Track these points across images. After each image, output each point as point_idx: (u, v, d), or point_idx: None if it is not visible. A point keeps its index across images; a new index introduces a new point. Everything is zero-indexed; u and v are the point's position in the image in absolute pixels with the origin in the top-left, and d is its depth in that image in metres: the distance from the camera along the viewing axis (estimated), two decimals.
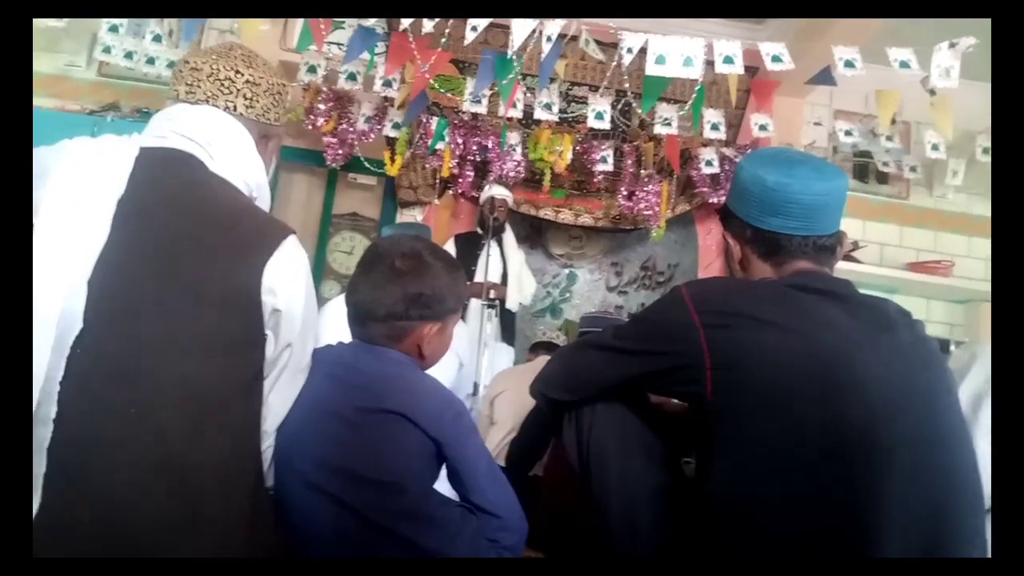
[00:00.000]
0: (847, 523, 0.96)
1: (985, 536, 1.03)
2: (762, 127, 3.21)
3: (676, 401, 1.38)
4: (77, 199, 0.98)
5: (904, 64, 2.65)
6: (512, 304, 3.66)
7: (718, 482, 1.06)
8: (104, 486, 0.89)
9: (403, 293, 1.19)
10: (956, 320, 4.15)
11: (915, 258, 4.12)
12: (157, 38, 3.31)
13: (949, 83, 2.61)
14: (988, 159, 3.46)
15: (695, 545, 1.07)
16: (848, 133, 3.43)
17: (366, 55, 3.07)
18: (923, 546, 0.96)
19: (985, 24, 2.37)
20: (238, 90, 1.17)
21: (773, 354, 1.01)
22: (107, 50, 3.35)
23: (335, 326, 1.55)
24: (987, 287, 3.85)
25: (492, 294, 3.38)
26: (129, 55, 3.38)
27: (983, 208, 4.23)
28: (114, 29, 3.26)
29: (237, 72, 1.17)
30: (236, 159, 1.14)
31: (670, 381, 1.13)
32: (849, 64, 2.71)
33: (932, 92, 2.85)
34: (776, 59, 2.66)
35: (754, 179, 1.16)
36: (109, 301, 0.94)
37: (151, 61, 3.43)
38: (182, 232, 1.01)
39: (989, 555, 1.00)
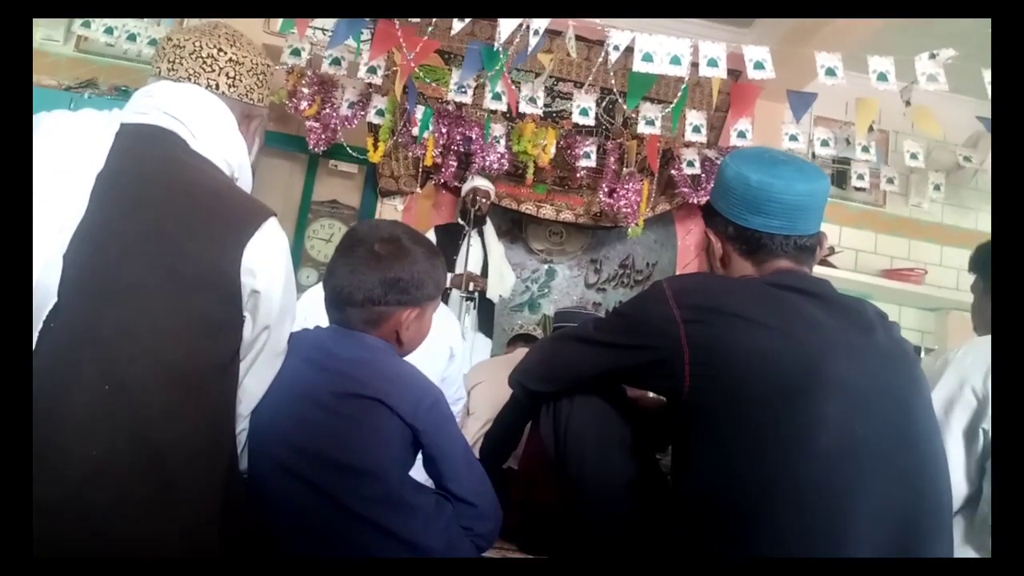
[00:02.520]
0: (820, 518, 0.97)
1: (952, 536, 1.05)
2: (741, 134, 3.21)
3: (653, 395, 1.38)
4: (54, 171, 0.96)
5: (882, 77, 2.67)
6: (493, 296, 3.65)
7: (693, 477, 1.07)
8: (74, 462, 0.88)
9: (381, 278, 1.18)
10: (927, 327, 4.22)
11: (889, 265, 4.18)
12: None
13: (938, 86, 2.63)
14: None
15: (669, 539, 1.08)
16: (825, 143, 3.45)
17: (351, 41, 3.04)
18: (893, 543, 0.97)
19: (965, 36, 2.42)
20: (220, 68, 1.15)
21: (752, 351, 1.02)
22: (87, 24, 3.27)
23: (314, 313, 1.53)
24: (958, 296, 3.92)
25: (472, 286, 3.37)
26: (110, 30, 3.29)
27: (957, 218, 4.31)
28: None
29: (220, 50, 1.16)
30: (218, 138, 1.13)
31: (649, 375, 1.14)
32: (830, 72, 2.73)
33: (907, 103, 2.88)
34: (758, 66, 2.66)
35: (738, 177, 1.17)
36: (85, 276, 0.93)
37: (132, 37, 3.33)
38: (161, 209, 1.00)
39: (955, 554, 1.02)
